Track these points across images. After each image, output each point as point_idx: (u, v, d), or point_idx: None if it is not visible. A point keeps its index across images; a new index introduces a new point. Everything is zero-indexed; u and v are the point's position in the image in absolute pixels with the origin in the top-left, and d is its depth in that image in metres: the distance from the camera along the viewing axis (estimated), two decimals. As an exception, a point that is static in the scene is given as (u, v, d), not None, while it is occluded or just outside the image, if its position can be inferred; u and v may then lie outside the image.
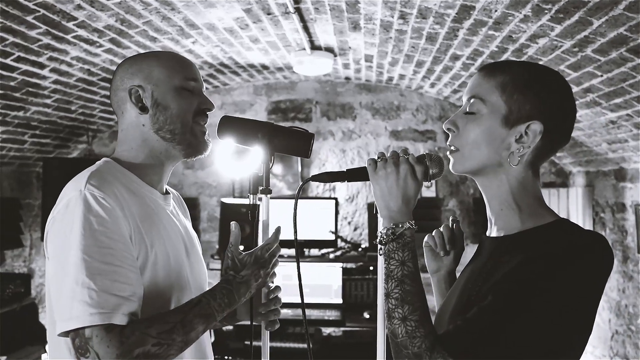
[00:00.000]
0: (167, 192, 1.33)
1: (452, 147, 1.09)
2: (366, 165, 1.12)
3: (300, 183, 1.22)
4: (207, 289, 1.36)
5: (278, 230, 1.30)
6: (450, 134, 1.10)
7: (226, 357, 3.38)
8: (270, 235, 1.31)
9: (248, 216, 1.32)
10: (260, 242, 1.32)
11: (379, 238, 1.07)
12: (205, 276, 1.38)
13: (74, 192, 1.09)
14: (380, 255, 1.08)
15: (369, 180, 1.11)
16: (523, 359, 0.91)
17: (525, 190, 1.06)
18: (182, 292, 1.21)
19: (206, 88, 4.27)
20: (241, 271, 1.23)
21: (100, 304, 1.01)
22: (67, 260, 1.04)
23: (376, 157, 1.11)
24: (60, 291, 1.05)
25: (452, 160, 1.10)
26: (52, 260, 1.09)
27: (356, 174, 1.17)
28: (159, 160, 1.26)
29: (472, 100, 1.06)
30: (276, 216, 1.48)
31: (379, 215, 1.10)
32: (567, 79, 2.50)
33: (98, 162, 1.22)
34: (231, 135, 1.30)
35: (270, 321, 1.35)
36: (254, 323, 1.32)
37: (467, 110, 1.07)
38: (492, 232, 1.11)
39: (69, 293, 1.02)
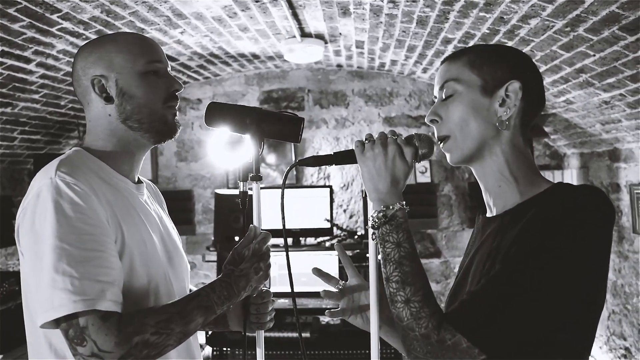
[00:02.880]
0: (139, 181, 1.30)
1: (442, 136, 1.08)
2: (354, 147, 1.10)
3: (291, 170, 1.19)
4: (186, 278, 1.33)
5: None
6: (434, 126, 1.10)
7: (224, 349, 3.38)
8: (260, 227, 1.28)
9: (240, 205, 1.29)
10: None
11: (370, 222, 1.05)
12: (185, 267, 1.35)
13: (44, 181, 1.06)
14: (373, 240, 1.06)
15: (357, 162, 1.09)
16: (534, 326, 0.89)
17: (519, 160, 1.06)
18: (159, 281, 1.19)
19: (196, 79, 4.23)
20: (240, 265, 1.21)
21: (83, 291, 0.98)
22: (44, 251, 1.01)
23: (364, 139, 1.09)
24: (39, 283, 1.01)
25: (447, 153, 1.09)
26: (28, 254, 1.06)
27: (344, 157, 1.14)
28: (129, 149, 1.23)
29: (445, 85, 1.07)
30: (269, 205, 1.46)
31: (368, 199, 1.08)
32: (559, 59, 2.50)
33: (68, 151, 1.19)
34: (219, 122, 1.28)
35: (262, 323, 1.33)
36: (247, 334, 1.30)
37: (444, 96, 1.07)
38: (492, 212, 1.10)
39: (48, 283, 0.99)
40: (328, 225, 3.76)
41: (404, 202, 1.04)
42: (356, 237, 3.89)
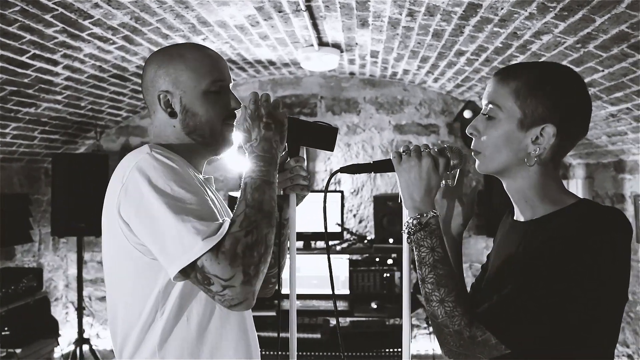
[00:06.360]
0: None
1: (475, 151, 1.16)
2: (391, 158, 1.19)
3: (332, 177, 1.29)
4: None
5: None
6: (473, 138, 1.16)
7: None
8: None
9: None
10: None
11: (406, 228, 1.14)
12: None
13: (141, 156, 1.15)
14: (408, 243, 1.16)
15: (394, 171, 1.19)
16: (554, 330, 0.99)
17: (545, 184, 1.13)
18: None
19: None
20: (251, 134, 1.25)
21: (205, 232, 1.06)
22: (158, 209, 1.08)
23: (401, 150, 1.19)
24: (163, 239, 1.08)
25: (477, 161, 1.17)
26: (137, 221, 1.12)
27: (382, 166, 1.24)
28: (192, 154, 1.32)
29: (489, 107, 1.12)
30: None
31: (403, 206, 1.17)
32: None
33: (145, 145, 1.27)
34: None
35: (297, 185, 1.36)
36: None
37: (487, 114, 1.13)
38: (519, 217, 1.18)
39: (174, 234, 1.06)
40: (339, 229, 3.85)
41: (436, 210, 1.13)
42: (366, 241, 3.98)
